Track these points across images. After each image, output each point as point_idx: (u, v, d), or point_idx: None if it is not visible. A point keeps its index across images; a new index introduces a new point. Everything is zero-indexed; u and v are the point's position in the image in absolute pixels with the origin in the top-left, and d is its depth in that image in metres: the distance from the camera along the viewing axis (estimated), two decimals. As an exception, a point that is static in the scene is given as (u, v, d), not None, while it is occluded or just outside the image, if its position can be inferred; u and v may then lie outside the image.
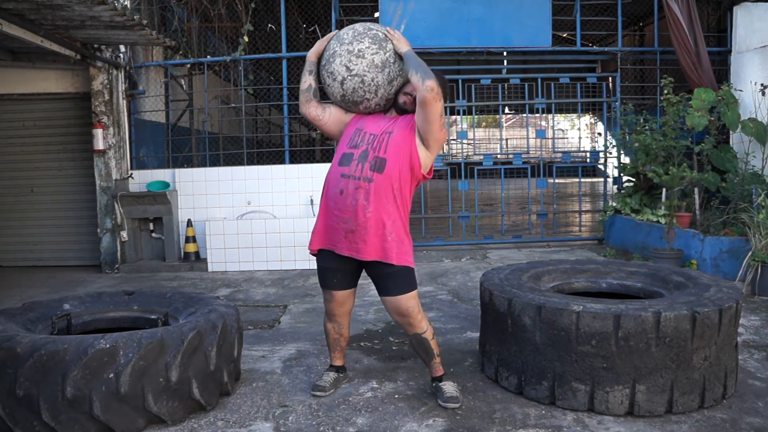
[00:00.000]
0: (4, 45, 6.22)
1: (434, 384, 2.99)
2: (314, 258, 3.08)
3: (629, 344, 2.64)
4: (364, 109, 2.95)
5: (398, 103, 2.90)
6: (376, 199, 2.77)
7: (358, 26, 2.94)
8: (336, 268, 2.93)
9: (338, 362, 3.18)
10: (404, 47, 2.86)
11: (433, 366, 2.98)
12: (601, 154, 8.00)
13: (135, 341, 2.57)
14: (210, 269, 6.64)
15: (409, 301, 2.84)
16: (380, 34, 2.89)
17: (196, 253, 6.85)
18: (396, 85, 2.89)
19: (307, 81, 3.03)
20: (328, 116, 3.02)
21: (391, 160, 2.79)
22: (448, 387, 2.93)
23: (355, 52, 2.82)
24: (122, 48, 6.89)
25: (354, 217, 2.78)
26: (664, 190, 6.37)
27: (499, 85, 7.71)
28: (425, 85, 2.68)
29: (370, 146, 2.82)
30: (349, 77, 2.83)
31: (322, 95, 3.11)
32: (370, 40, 2.84)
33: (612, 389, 2.69)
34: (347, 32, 2.91)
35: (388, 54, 2.85)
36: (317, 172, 6.94)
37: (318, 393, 3.03)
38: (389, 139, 2.82)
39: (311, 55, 3.02)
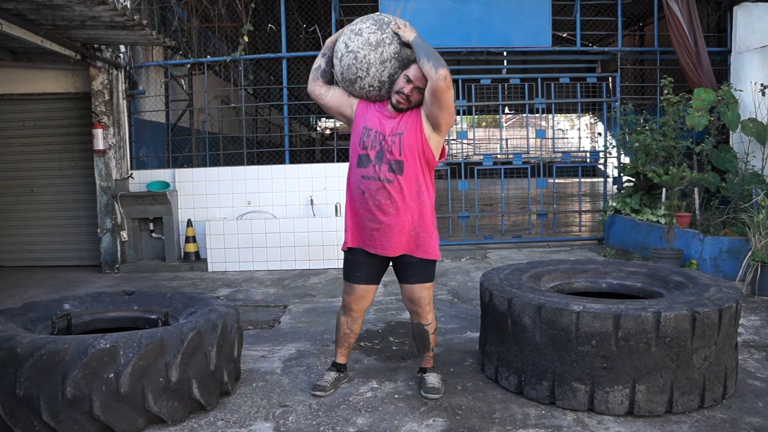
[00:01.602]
0: (4, 45, 6.22)
1: (419, 374, 3.13)
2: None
3: (629, 344, 2.64)
4: (359, 90, 2.96)
5: (392, 103, 2.90)
6: (399, 199, 2.84)
7: (373, 14, 3.00)
8: (363, 262, 2.99)
9: (342, 359, 3.21)
10: (411, 35, 2.85)
11: (424, 358, 3.14)
12: (601, 154, 7.99)
13: (135, 341, 2.57)
14: (210, 269, 6.64)
15: (422, 290, 2.96)
16: (386, 19, 2.93)
17: (196, 253, 6.85)
18: (389, 68, 2.88)
19: (319, 61, 3.11)
20: (330, 96, 3.07)
21: (408, 161, 2.85)
22: (431, 378, 3.06)
23: (355, 30, 2.88)
24: (122, 48, 6.89)
25: (379, 215, 2.86)
26: (664, 190, 6.37)
27: (499, 85, 7.71)
28: (438, 74, 2.69)
29: (383, 148, 2.86)
30: (345, 53, 2.89)
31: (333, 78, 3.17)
32: (372, 21, 2.90)
33: (612, 389, 2.69)
34: (360, 18, 2.99)
35: (385, 35, 2.86)
36: (317, 172, 6.95)
37: (318, 393, 3.04)
38: (401, 141, 2.85)
39: (329, 40, 3.09)
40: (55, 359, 2.48)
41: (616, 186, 7.87)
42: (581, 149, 12.15)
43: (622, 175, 7.55)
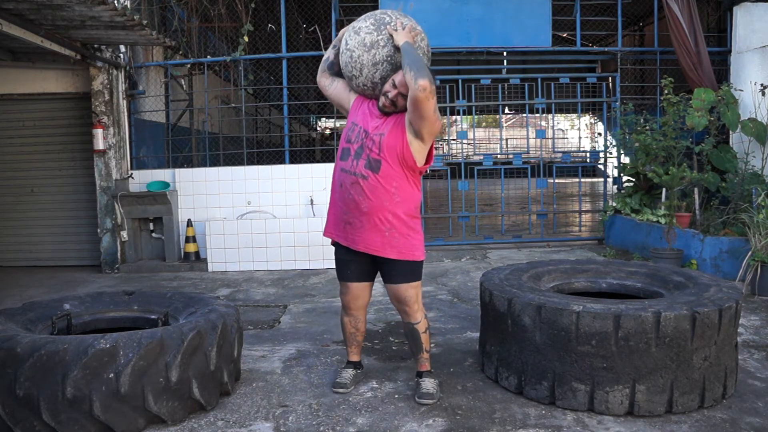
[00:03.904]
0: (4, 45, 6.22)
1: (416, 380, 3.06)
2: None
3: (629, 344, 2.64)
4: (356, 87, 3.01)
5: (378, 105, 2.89)
6: (373, 196, 2.82)
7: (378, 11, 3.00)
8: (349, 259, 3.00)
9: (355, 357, 3.23)
10: (401, 39, 2.80)
11: (420, 359, 3.05)
12: (601, 154, 7.99)
13: (135, 341, 2.57)
14: (210, 269, 6.64)
15: (408, 290, 2.93)
16: (387, 18, 2.90)
17: (196, 253, 6.85)
18: (381, 70, 2.87)
19: (328, 53, 3.16)
20: (333, 89, 3.14)
21: (385, 161, 2.83)
22: (427, 384, 2.99)
23: (356, 29, 2.90)
24: (122, 48, 6.89)
25: (353, 209, 2.86)
26: (664, 190, 6.37)
27: (499, 85, 7.70)
28: (417, 85, 2.61)
29: (364, 144, 2.87)
30: (345, 50, 2.93)
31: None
32: (372, 21, 2.89)
33: (612, 389, 2.69)
34: (368, 13, 2.99)
35: (380, 37, 2.85)
36: (317, 172, 6.95)
37: (340, 390, 3.07)
38: (381, 141, 2.84)
39: (341, 32, 3.09)
40: (55, 359, 2.48)
41: (616, 186, 7.87)
42: (581, 149, 12.12)
43: (622, 175, 7.55)
